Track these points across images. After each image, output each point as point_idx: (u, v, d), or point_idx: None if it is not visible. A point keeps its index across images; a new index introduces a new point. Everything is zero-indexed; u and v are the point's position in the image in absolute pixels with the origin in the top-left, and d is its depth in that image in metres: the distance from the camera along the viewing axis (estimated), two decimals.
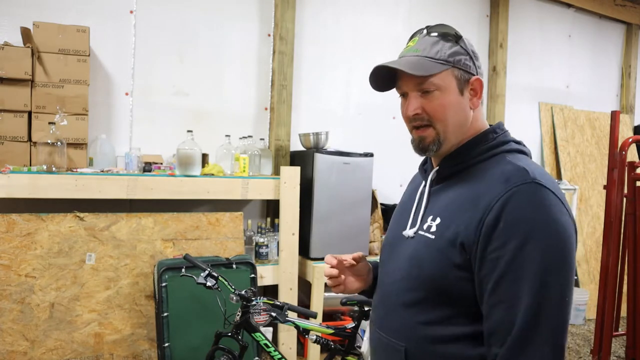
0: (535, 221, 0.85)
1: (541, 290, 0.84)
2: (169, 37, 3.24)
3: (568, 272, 0.86)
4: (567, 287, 0.86)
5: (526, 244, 0.84)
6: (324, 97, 3.82)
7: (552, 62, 5.02)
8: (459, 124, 1.01)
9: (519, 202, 0.87)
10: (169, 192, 2.79)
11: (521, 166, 0.92)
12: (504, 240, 0.86)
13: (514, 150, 0.99)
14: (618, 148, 3.01)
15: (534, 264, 0.84)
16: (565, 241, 0.86)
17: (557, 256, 0.85)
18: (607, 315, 3.03)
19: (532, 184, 0.88)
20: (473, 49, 1.03)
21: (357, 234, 3.35)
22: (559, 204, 0.88)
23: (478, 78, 1.01)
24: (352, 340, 2.29)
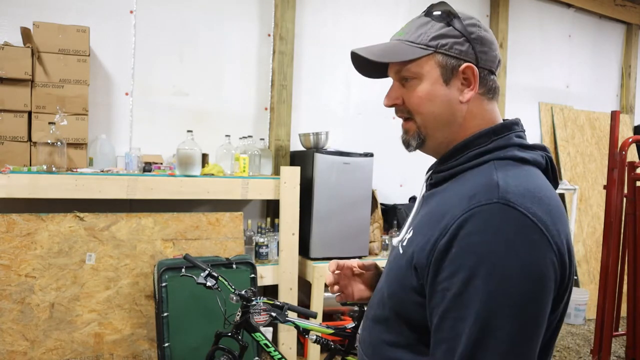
0: (488, 252, 0.70)
1: (481, 336, 0.69)
2: (169, 37, 3.24)
3: (523, 320, 0.69)
4: (520, 337, 0.69)
5: (474, 277, 0.70)
6: (324, 97, 3.82)
7: (552, 62, 5.02)
8: (441, 119, 0.86)
9: (476, 226, 0.72)
10: (169, 192, 2.79)
11: (495, 180, 0.76)
12: (454, 270, 0.72)
13: (510, 158, 0.81)
14: (618, 148, 3.01)
15: (479, 304, 0.69)
16: (524, 281, 0.69)
17: (508, 298, 0.69)
18: (607, 315, 3.03)
19: (497, 204, 0.72)
20: (475, 31, 0.86)
21: (357, 234, 3.35)
22: (530, 232, 0.70)
23: (470, 65, 0.83)
24: (352, 340, 2.29)
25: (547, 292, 0.71)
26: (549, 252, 0.71)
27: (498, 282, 0.69)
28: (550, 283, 0.71)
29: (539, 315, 0.71)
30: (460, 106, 0.85)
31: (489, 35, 0.88)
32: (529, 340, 0.70)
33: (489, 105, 0.87)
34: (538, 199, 0.74)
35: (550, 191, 0.78)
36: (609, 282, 3.03)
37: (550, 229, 0.72)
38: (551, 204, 0.75)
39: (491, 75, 0.87)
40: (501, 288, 0.69)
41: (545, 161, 0.84)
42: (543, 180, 0.81)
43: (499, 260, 0.69)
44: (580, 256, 4.74)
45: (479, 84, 0.85)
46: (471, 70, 0.84)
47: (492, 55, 0.86)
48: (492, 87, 0.87)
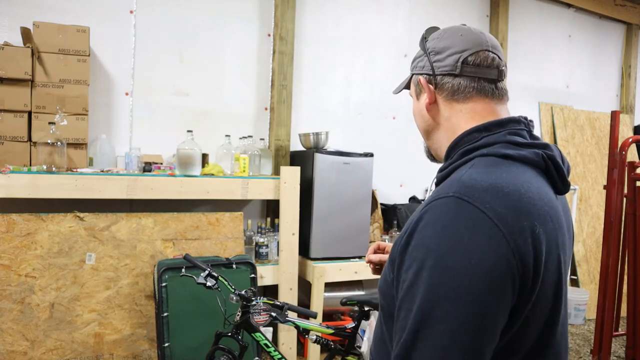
0: (434, 244, 0.71)
1: (419, 329, 0.69)
2: (169, 37, 3.24)
3: (464, 316, 0.67)
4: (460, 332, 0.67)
5: (422, 269, 0.71)
6: (324, 97, 3.82)
7: (552, 62, 5.02)
8: (422, 129, 0.97)
9: (429, 220, 0.73)
10: (169, 192, 2.79)
11: (458, 176, 0.77)
12: (410, 262, 0.74)
13: (493, 154, 0.81)
14: (618, 148, 3.02)
15: (420, 296, 0.70)
16: (468, 275, 0.68)
17: (450, 292, 0.68)
18: (607, 315, 3.03)
19: (450, 198, 0.73)
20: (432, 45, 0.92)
21: (357, 234, 3.35)
22: (482, 227, 0.70)
23: (419, 77, 0.92)
24: (352, 340, 2.29)
25: (496, 289, 0.69)
26: (503, 247, 0.69)
27: (440, 275, 0.69)
28: (501, 280, 0.69)
29: (486, 312, 0.68)
30: (427, 114, 0.93)
31: (444, 43, 0.90)
32: (471, 337, 0.68)
33: (463, 106, 0.89)
34: (503, 194, 0.73)
35: (526, 188, 0.76)
36: (609, 282, 3.03)
37: (510, 226, 0.70)
38: (522, 200, 0.73)
39: (453, 77, 0.88)
40: (443, 281, 0.68)
41: (541, 159, 0.82)
42: (524, 177, 0.78)
43: (444, 253, 0.69)
44: (580, 256, 4.74)
45: (439, 88, 0.90)
46: (419, 80, 0.93)
47: (449, 60, 0.89)
48: (458, 87, 0.88)
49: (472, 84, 0.87)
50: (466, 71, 0.87)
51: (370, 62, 4.00)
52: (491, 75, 0.88)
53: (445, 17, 4.36)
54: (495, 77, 0.88)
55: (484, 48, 0.88)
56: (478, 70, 0.87)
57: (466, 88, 0.88)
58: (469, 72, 0.87)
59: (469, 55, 0.87)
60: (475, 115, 0.88)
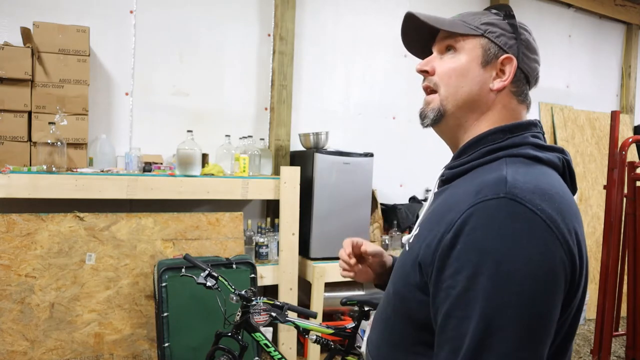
0: (491, 248, 0.68)
1: (485, 337, 0.67)
2: (169, 37, 3.24)
3: (529, 320, 0.67)
4: (526, 337, 0.66)
5: (478, 275, 0.68)
6: (324, 97, 3.82)
7: (552, 62, 5.02)
8: (467, 97, 0.86)
9: (480, 222, 0.70)
10: (169, 192, 2.79)
11: (503, 175, 0.74)
12: (458, 267, 0.70)
13: (523, 156, 0.79)
14: (618, 148, 3.01)
15: (481, 302, 0.67)
16: (530, 278, 0.67)
17: (514, 297, 0.66)
18: (607, 315, 3.03)
19: (503, 199, 0.70)
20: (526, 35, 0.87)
21: (357, 234, 3.34)
22: (537, 228, 0.69)
23: (509, 57, 0.85)
24: (352, 340, 2.29)
25: (555, 290, 0.69)
26: (558, 249, 0.69)
27: (503, 280, 0.67)
28: (559, 281, 0.69)
29: (547, 314, 0.68)
30: (489, 93, 0.86)
31: (535, 45, 0.89)
32: (535, 340, 0.67)
33: (517, 106, 0.88)
34: (549, 196, 0.72)
35: (563, 190, 0.77)
36: (609, 282, 3.03)
37: (560, 227, 0.70)
38: (563, 202, 0.73)
39: (526, 81, 0.88)
40: (506, 286, 0.67)
41: (562, 163, 0.82)
42: (556, 179, 0.79)
43: (503, 257, 0.67)
44: None
45: (512, 81, 0.86)
46: (510, 61, 0.85)
47: (533, 64, 0.88)
48: (524, 91, 0.88)
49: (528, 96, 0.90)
50: (533, 85, 0.90)
51: (370, 62, 4.00)
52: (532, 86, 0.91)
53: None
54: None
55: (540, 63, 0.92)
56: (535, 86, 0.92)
57: (527, 97, 0.90)
58: (533, 86, 0.91)
59: (539, 72, 0.91)
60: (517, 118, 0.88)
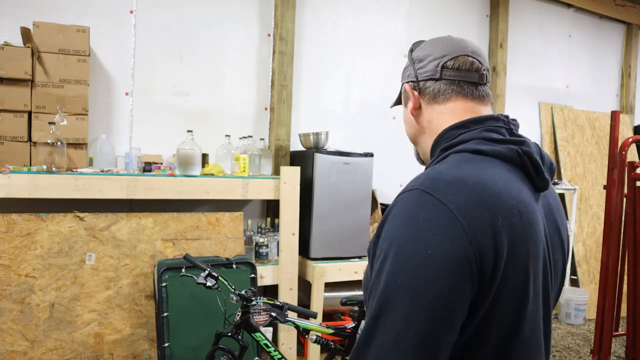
0: (397, 234, 0.73)
1: (378, 315, 0.71)
2: (169, 37, 3.24)
3: (420, 303, 0.69)
4: (416, 319, 0.69)
5: (386, 259, 0.73)
6: (324, 97, 3.82)
7: (552, 62, 5.02)
8: (411, 134, 1.00)
9: (395, 212, 0.77)
10: (169, 192, 2.79)
11: (427, 171, 0.81)
12: (378, 253, 0.76)
13: (466, 150, 0.83)
14: (618, 148, 3.02)
15: (382, 283, 0.72)
16: (425, 265, 0.70)
17: (407, 280, 0.70)
18: (607, 315, 3.03)
19: (414, 191, 0.76)
20: (416, 54, 0.96)
21: (357, 234, 3.35)
22: (441, 218, 0.71)
23: (404, 85, 0.98)
24: (352, 340, 2.29)
25: (452, 280, 0.69)
26: (461, 239, 0.70)
27: (399, 264, 0.71)
28: (458, 271, 0.70)
29: (440, 303, 0.69)
30: (413, 119, 0.97)
31: (426, 51, 0.95)
32: (425, 325, 0.69)
33: (443, 107, 0.91)
34: (467, 187, 0.74)
35: (493, 181, 0.76)
36: (609, 282, 3.03)
37: (469, 218, 0.71)
38: (485, 194, 0.74)
39: (434, 82, 0.92)
40: (401, 270, 0.71)
41: (517, 154, 0.82)
42: (492, 171, 0.79)
43: (404, 243, 0.72)
44: (580, 256, 4.74)
45: (422, 93, 0.94)
46: (404, 88, 0.98)
47: (430, 66, 0.92)
48: (438, 90, 0.91)
49: (451, 87, 0.90)
50: (446, 75, 0.90)
51: (370, 62, 4.00)
52: (472, 78, 0.90)
53: (445, 17, 4.36)
54: (476, 80, 0.90)
55: (464, 53, 0.91)
56: (457, 73, 0.90)
57: (446, 90, 0.91)
58: (448, 75, 0.90)
59: (448, 60, 0.90)
60: (454, 116, 0.90)
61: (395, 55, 4.11)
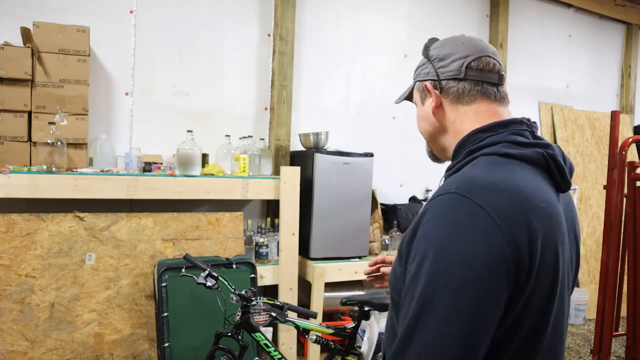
0: (435, 236, 0.76)
1: (421, 314, 0.74)
2: (169, 37, 3.24)
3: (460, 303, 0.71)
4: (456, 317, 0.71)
5: (424, 260, 0.75)
6: (324, 97, 3.82)
7: (552, 62, 5.02)
8: (426, 131, 1.01)
9: (431, 215, 0.78)
10: (169, 192, 2.79)
11: (460, 174, 0.83)
12: (414, 254, 0.78)
13: (495, 153, 0.85)
14: (618, 148, 3.01)
15: (422, 283, 0.75)
16: (464, 265, 0.72)
17: (448, 280, 0.72)
18: (607, 315, 3.03)
19: (452, 194, 0.77)
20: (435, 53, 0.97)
21: (357, 234, 3.35)
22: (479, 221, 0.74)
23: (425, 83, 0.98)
24: (352, 340, 2.29)
25: (491, 280, 0.72)
26: (499, 241, 0.73)
27: (440, 265, 0.73)
28: (496, 272, 0.72)
29: (480, 302, 0.72)
30: (433, 118, 0.97)
31: (447, 50, 0.96)
32: (466, 324, 0.71)
33: (468, 108, 0.93)
34: (501, 190, 0.77)
35: (524, 185, 0.79)
36: (609, 282, 3.03)
37: (506, 220, 0.74)
38: (519, 197, 0.77)
39: (458, 82, 0.93)
40: (442, 270, 0.73)
41: (543, 158, 0.85)
42: (522, 174, 0.81)
43: (443, 244, 0.74)
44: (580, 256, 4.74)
45: (444, 93, 0.95)
46: (425, 86, 0.97)
47: (454, 65, 0.94)
48: (462, 90, 0.93)
49: (476, 87, 0.92)
50: (470, 75, 0.92)
51: (370, 62, 4.00)
52: (492, 79, 0.93)
53: (445, 17, 4.36)
54: (496, 81, 0.93)
55: (486, 54, 0.93)
56: (481, 74, 0.92)
57: (470, 91, 0.93)
58: (472, 76, 0.92)
59: (472, 60, 0.92)
60: (479, 117, 0.92)
61: (395, 55, 4.11)
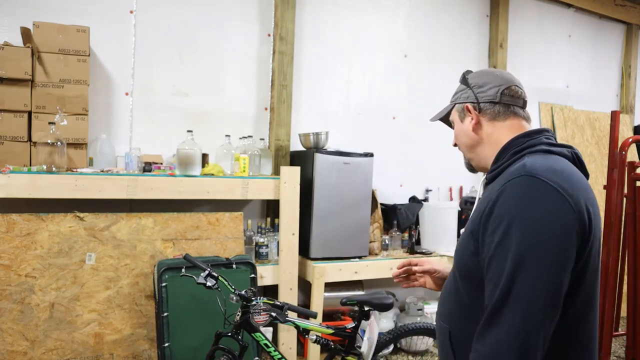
0: (518, 208, 0.95)
1: (517, 268, 0.92)
2: (169, 37, 3.24)
3: (547, 252, 0.92)
4: (546, 265, 0.92)
5: (510, 228, 0.95)
6: (324, 97, 3.82)
7: (552, 62, 5.02)
8: (467, 145, 1.23)
9: (509, 193, 0.98)
10: (169, 192, 2.79)
11: (527, 162, 1.03)
12: (495, 227, 0.97)
13: (539, 150, 1.08)
14: (618, 148, 3.01)
15: (515, 245, 0.93)
16: (545, 224, 0.93)
17: (535, 238, 0.93)
18: (607, 315, 3.02)
19: (523, 176, 0.98)
20: (474, 80, 1.22)
21: (357, 234, 3.35)
22: (551, 193, 0.95)
23: (466, 105, 1.22)
24: (352, 340, 2.29)
25: (568, 237, 0.94)
26: (568, 208, 0.95)
27: (529, 228, 0.93)
28: (571, 232, 0.94)
29: (563, 253, 0.93)
30: (473, 132, 1.21)
31: (484, 79, 1.21)
32: (555, 272, 0.92)
33: (503, 123, 1.19)
34: (559, 173, 0.99)
35: (571, 170, 1.03)
36: (609, 282, 3.03)
37: (570, 193, 0.96)
38: (571, 178, 0.99)
39: (494, 105, 1.19)
40: (531, 232, 0.93)
41: (572, 155, 1.09)
42: (566, 164, 1.05)
43: (528, 213, 0.94)
44: None
45: (482, 113, 1.20)
46: (467, 108, 1.22)
47: (490, 91, 1.19)
48: (498, 111, 1.19)
49: (508, 109, 1.19)
50: (504, 100, 1.18)
51: (370, 62, 4.00)
52: (519, 103, 1.20)
53: (445, 17, 4.36)
54: (522, 105, 1.20)
55: (514, 84, 1.20)
56: (511, 99, 1.19)
57: (505, 112, 1.19)
58: (505, 100, 1.18)
59: (504, 88, 1.19)
60: (513, 130, 1.17)
61: (395, 55, 4.11)
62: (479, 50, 4.57)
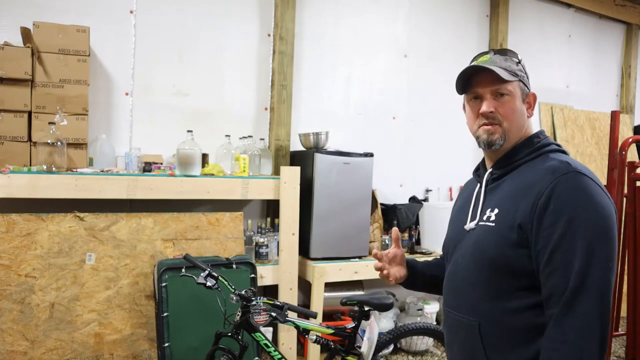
0: (579, 202, 1.04)
1: (589, 257, 1.01)
2: (169, 37, 3.24)
3: (611, 242, 1.03)
4: (611, 254, 1.03)
5: (574, 220, 1.03)
6: (324, 97, 3.82)
7: (552, 62, 5.02)
8: (519, 126, 1.23)
9: (565, 188, 1.06)
10: (169, 192, 2.79)
11: (564, 160, 1.13)
12: (555, 219, 1.04)
13: (556, 150, 1.20)
14: (618, 148, 3.01)
15: (582, 236, 1.02)
16: (607, 217, 1.04)
17: (601, 229, 1.03)
18: None
19: (574, 172, 1.07)
20: (526, 71, 1.26)
21: (357, 234, 3.35)
22: (597, 188, 1.07)
23: (534, 94, 1.26)
24: (352, 340, 2.29)
25: (615, 224, 1.06)
26: (609, 200, 1.08)
27: (595, 220, 1.03)
28: (616, 224, 1.06)
29: (616, 237, 1.05)
30: (526, 119, 1.25)
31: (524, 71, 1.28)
32: (614, 254, 1.04)
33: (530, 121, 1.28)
34: (590, 171, 1.11)
35: None
36: None
37: (603, 188, 1.09)
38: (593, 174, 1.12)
39: None
40: (598, 224, 1.03)
41: None
42: None
43: (590, 206, 1.04)
44: None
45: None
46: (534, 97, 1.26)
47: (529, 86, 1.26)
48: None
49: None
50: None
51: (370, 62, 4.00)
52: None
53: (445, 17, 4.36)
54: None
55: None
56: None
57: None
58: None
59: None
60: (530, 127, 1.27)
61: (395, 55, 4.11)
62: (479, 50, 4.55)
